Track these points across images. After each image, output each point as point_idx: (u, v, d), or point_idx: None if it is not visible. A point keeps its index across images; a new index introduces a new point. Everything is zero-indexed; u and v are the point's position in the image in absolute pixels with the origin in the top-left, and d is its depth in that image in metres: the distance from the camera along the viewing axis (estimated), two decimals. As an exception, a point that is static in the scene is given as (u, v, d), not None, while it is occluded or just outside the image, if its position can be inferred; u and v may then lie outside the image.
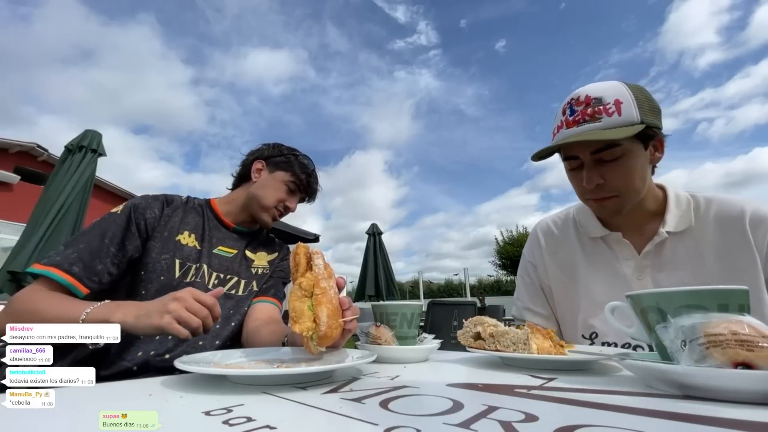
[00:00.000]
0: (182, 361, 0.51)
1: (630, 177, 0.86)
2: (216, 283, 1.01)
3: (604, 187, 0.86)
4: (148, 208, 0.96)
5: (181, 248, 0.97)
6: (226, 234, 1.08)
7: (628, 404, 0.39)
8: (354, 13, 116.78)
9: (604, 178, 0.86)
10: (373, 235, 6.85)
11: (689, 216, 0.90)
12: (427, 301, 3.63)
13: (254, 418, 0.35)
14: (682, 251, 0.89)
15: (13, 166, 11.24)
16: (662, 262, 0.90)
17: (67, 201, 3.10)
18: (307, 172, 1.12)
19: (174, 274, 0.93)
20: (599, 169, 0.86)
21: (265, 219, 1.09)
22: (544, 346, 0.64)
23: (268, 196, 1.07)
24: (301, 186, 1.11)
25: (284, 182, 1.09)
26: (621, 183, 0.86)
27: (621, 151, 0.83)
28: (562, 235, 1.05)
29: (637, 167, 0.86)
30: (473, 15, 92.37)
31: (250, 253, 1.11)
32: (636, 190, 0.88)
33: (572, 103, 0.86)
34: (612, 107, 0.82)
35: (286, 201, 1.09)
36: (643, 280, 0.90)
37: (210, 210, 1.10)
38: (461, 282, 22.91)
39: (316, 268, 0.62)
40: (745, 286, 0.46)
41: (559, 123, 0.89)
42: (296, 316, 0.58)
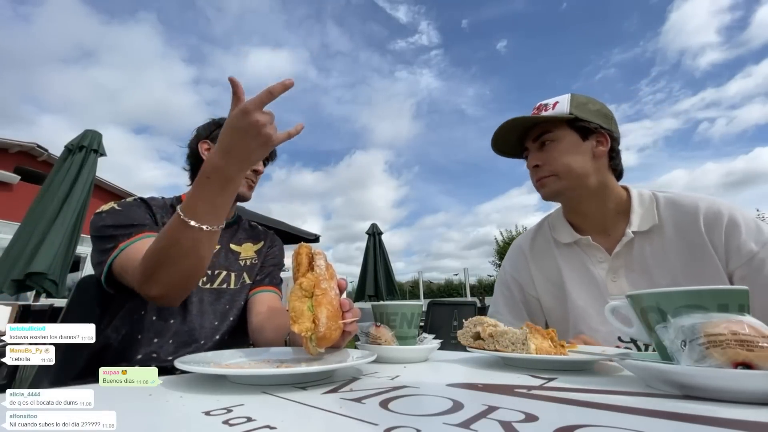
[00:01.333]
0: (182, 361, 0.51)
1: (564, 158, 0.95)
2: (204, 280, 0.99)
3: (543, 168, 0.97)
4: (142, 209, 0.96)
5: None
6: None
7: (628, 404, 0.39)
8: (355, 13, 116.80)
9: (542, 159, 0.97)
10: (373, 235, 6.84)
11: (653, 214, 0.92)
12: (427, 301, 3.63)
13: (254, 418, 0.35)
14: (650, 250, 0.91)
15: (13, 166, 11.24)
16: (633, 262, 0.92)
17: (66, 201, 3.10)
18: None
19: None
20: (537, 153, 0.98)
21: (240, 191, 1.03)
22: (544, 346, 0.64)
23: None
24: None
25: None
26: (556, 163, 0.95)
27: (553, 137, 0.96)
28: (543, 246, 1.09)
29: (571, 151, 0.95)
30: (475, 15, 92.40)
31: (234, 245, 1.09)
32: (574, 172, 0.94)
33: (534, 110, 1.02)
34: (550, 107, 0.97)
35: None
36: (617, 282, 0.92)
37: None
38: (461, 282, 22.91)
39: (318, 268, 0.62)
40: (745, 287, 0.46)
41: None
42: (296, 316, 0.58)
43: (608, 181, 0.97)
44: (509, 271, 1.13)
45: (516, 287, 1.10)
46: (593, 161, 0.95)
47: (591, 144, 0.95)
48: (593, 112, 0.96)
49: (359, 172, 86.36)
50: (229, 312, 1.01)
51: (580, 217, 1.01)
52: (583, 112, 0.95)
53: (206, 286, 1.00)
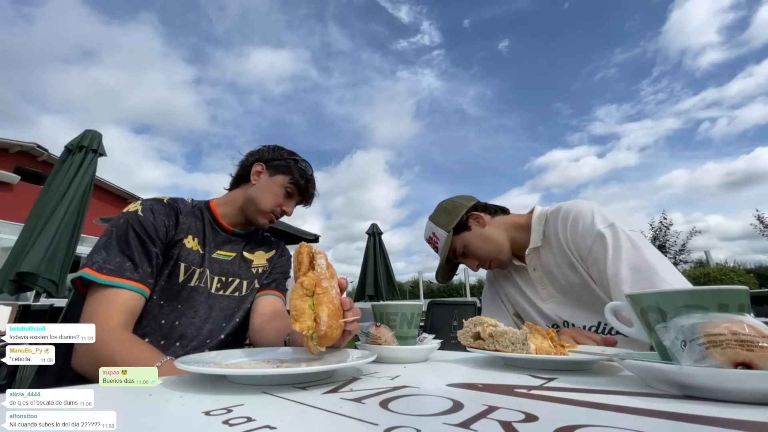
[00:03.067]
0: (182, 361, 0.51)
1: (480, 251, 1.16)
2: (218, 286, 1.01)
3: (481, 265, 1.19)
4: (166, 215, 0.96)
5: (186, 252, 0.97)
6: (224, 237, 1.08)
7: (628, 404, 0.39)
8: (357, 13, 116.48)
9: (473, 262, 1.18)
10: (373, 235, 6.84)
11: (539, 232, 1.08)
12: (427, 301, 3.62)
13: (254, 418, 0.35)
14: (549, 261, 1.07)
15: (14, 166, 11.25)
16: (545, 273, 1.09)
17: (66, 200, 3.09)
18: (306, 177, 1.12)
19: (178, 278, 0.94)
20: (467, 260, 1.20)
21: (261, 222, 1.08)
22: (543, 346, 0.64)
23: (266, 200, 1.07)
24: (300, 190, 1.11)
25: (283, 186, 1.08)
26: (481, 256, 1.16)
27: (461, 249, 1.18)
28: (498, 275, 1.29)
29: (477, 244, 1.16)
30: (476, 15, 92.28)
31: (247, 254, 1.12)
32: (493, 251, 1.15)
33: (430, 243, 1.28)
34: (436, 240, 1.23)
35: (283, 205, 1.09)
36: (547, 289, 1.10)
37: (209, 213, 1.09)
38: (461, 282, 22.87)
39: (319, 267, 0.62)
40: (745, 287, 0.46)
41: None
42: (297, 314, 0.58)
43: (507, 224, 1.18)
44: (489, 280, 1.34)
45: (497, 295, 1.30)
46: (490, 231, 1.16)
47: (475, 226, 1.17)
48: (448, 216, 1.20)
49: (360, 172, 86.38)
50: (235, 314, 1.03)
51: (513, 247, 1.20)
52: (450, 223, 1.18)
53: (219, 292, 1.01)
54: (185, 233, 0.99)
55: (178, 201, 1.05)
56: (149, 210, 0.93)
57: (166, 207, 0.98)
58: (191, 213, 1.05)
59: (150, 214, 0.92)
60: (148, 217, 0.92)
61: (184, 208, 1.04)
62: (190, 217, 1.02)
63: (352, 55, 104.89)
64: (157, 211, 0.94)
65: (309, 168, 1.15)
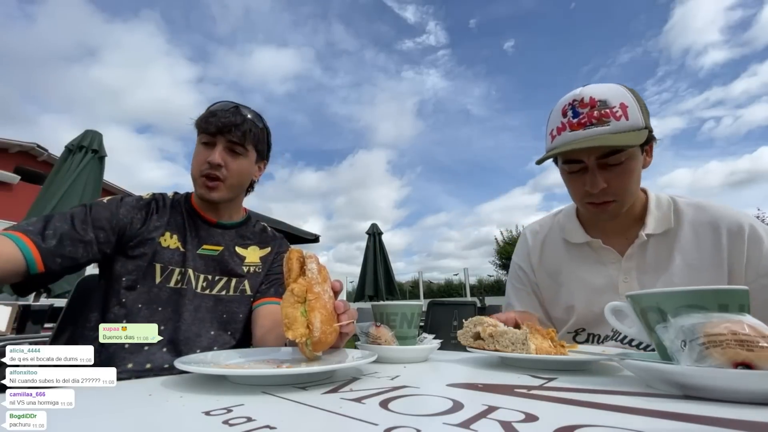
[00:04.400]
0: (182, 361, 0.51)
1: (630, 182, 0.86)
2: (204, 285, 0.93)
3: (607, 192, 0.85)
4: (137, 210, 0.91)
5: (161, 251, 0.90)
6: (210, 230, 0.99)
7: (628, 404, 0.39)
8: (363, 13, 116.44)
9: (607, 182, 0.84)
10: (374, 235, 6.85)
11: (669, 218, 0.92)
12: (427, 301, 3.63)
13: (254, 418, 0.35)
14: (663, 253, 0.91)
15: (14, 166, 11.25)
16: (646, 264, 0.91)
17: (63, 200, 3.09)
18: (208, 113, 0.94)
19: (154, 280, 0.87)
20: (603, 174, 0.84)
21: (199, 192, 0.94)
22: (543, 346, 0.64)
23: (192, 167, 0.95)
24: (209, 130, 0.92)
25: (199, 143, 0.95)
26: (622, 187, 0.86)
27: (625, 156, 0.83)
28: (551, 240, 1.07)
29: (636, 172, 0.86)
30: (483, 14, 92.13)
31: (240, 248, 1.02)
32: (632, 194, 0.89)
33: (574, 104, 0.84)
34: (618, 110, 0.81)
35: (207, 157, 0.91)
36: (629, 282, 0.91)
37: (188, 205, 1.00)
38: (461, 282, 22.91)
39: (309, 272, 0.61)
40: (745, 287, 0.46)
41: (560, 124, 0.86)
42: (289, 322, 0.57)
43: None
44: (516, 261, 1.13)
45: (524, 276, 1.10)
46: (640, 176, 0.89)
47: (644, 155, 0.88)
48: (648, 115, 0.85)
49: (362, 171, 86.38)
50: (228, 324, 0.94)
51: (600, 222, 0.97)
52: (648, 120, 0.83)
53: (205, 291, 0.93)
54: (161, 231, 0.91)
55: (158, 197, 0.98)
56: (115, 200, 0.89)
57: (140, 203, 0.92)
58: (171, 208, 0.97)
59: (113, 203, 0.89)
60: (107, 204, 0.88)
61: (163, 205, 0.96)
62: (168, 214, 0.95)
63: (356, 55, 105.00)
64: (125, 204, 0.90)
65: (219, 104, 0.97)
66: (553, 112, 0.91)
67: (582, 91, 0.85)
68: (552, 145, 0.89)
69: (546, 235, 1.08)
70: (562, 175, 0.95)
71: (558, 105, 0.89)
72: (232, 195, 0.98)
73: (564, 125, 0.85)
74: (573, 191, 0.93)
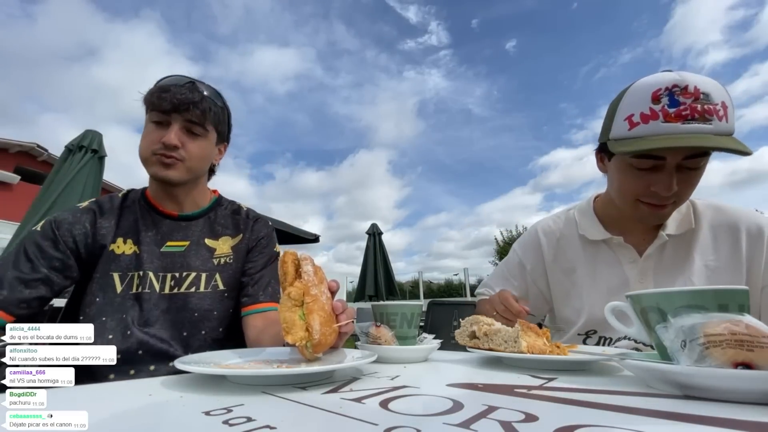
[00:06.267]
0: (182, 361, 0.51)
1: (695, 187, 0.80)
2: (172, 284, 0.87)
3: (673, 195, 0.78)
4: (77, 223, 0.85)
5: (115, 259, 0.85)
6: (172, 225, 0.92)
7: (628, 404, 0.39)
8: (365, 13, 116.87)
9: (678, 185, 0.77)
10: (374, 235, 6.85)
11: (689, 219, 0.91)
12: (427, 301, 3.63)
13: (254, 418, 0.35)
14: (682, 254, 0.90)
15: (13, 166, 11.25)
16: (663, 264, 0.91)
17: (63, 200, 3.09)
18: (160, 88, 0.85)
19: (115, 290, 0.83)
20: (679, 176, 0.77)
21: (152, 171, 0.85)
22: (537, 344, 0.64)
23: (142, 147, 0.86)
24: (161, 107, 0.83)
25: (149, 121, 0.86)
26: (687, 192, 0.80)
27: (706, 161, 0.76)
28: (565, 236, 1.05)
29: (699, 178, 0.80)
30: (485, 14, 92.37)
31: (210, 240, 0.94)
32: (688, 196, 0.84)
33: (674, 91, 0.72)
34: (721, 110, 0.71)
35: (162, 138, 0.83)
36: (644, 283, 0.90)
37: (145, 202, 0.93)
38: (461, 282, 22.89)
39: (305, 275, 0.61)
40: (745, 287, 0.47)
41: (648, 111, 0.74)
42: (288, 327, 0.56)
43: None
44: (520, 255, 1.10)
45: (519, 271, 1.08)
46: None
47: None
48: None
49: (362, 171, 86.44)
50: (201, 323, 0.87)
51: (621, 219, 0.95)
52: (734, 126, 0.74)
53: (173, 291, 0.87)
54: (110, 238, 0.86)
55: (102, 201, 0.91)
56: (48, 226, 0.84)
57: (78, 215, 0.86)
58: (121, 209, 0.90)
59: (47, 227, 0.83)
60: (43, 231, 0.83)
61: (109, 208, 0.89)
62: (116, 216, 0.89)
63: (358, 55, 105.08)
64: (62, 223, 0.84)
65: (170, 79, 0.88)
66: (632, 93, 0.78)
67: (684, 76, 0.73)
68: (635, 133, 0.76)
69: (561, 232, 1.05)
70: (619, 167, 0.85)
71: (644, 86, 0.76)
72: (190, 177, 0.89)
73: (655, 113, 0.73)
74: (631, 187, 0.84)
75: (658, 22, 71.03)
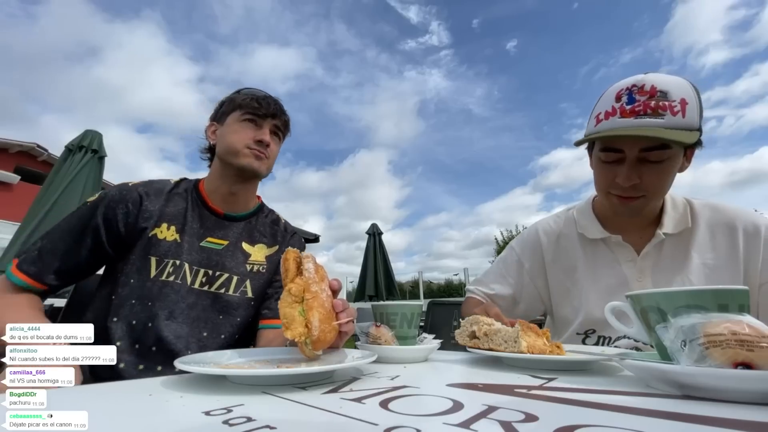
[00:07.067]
0: (182, 361, 0.51)
1: (664, 182, 0.84)
2: (204, 280, 0.88)
3: (637, 187, 0.83)
4: (122, 202, 0.87)
5: (156, 244, 0.86)
6: (216, 222, 0.94)
7: (628, 404, 0.39)
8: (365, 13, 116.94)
9: (641, 177, 0.81)
10: (374, 235, 6.85)
11: (686, 218, 0.92)
12: (427, 301, 3.63)
13: (254, 418, 0.35)
14: (679, 253, 0.90)
15: (13, 166, 11.25)
16: (661, 263, 0.91)
17: (63, 200, 3.09)
18: (254, 97, 0.95)
19: (149, 274, 0.84)
20: (639, 168, 0.81)
21: (246, 162, 0.92)
22: (537, 344, 0.64)
23: (234, 140, 0.92)
24: (258, 111, 0.94)
25: (239, 120, 0.94)
26: (655, 185, 0.83)
27: (668, 154, 0.79)
28: (565, 236, 1.05)
29: (672, 173, 0.84)
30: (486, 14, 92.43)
31: (246, 244, 0.97)
32: (662, 194, 0.88)
33: (633, 90, 0.79)
34: (677, 106, 0.76)
35: (255, 136, 0.93)
36: (642, 282, 0.91)
37: (196, 193, 0.96)
38: (461, 282, 22.90)
39: (306, 272, 0.61)
40: (745, 287, 0.47)
41: (610, 109, 0.81)
42: (288, 322, 0.57)
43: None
44: (518, 253, 1.10)
45: (516, 270, 1.08)
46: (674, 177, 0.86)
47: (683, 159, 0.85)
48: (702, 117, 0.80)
49: (363, 171, 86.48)
50: (223, 327, 0.88)
51: (617, 218, 0.96)
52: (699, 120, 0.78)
53: (203, 288, 0.88)
54: (154, 222, 0.87)
55: (150, 185, 0.92)
56: (95, 202, 0.86)
57: (125, 193, 0.88)
58: (174, 196, 0.93)
59: (94, 205, 0.86)
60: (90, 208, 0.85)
61: (156, 193, 0.91)
62: (163, 202, 0.91)
63: (358, 55, 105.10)
64: (106, 202, 0.86)
65: (257, 91, 0.99)
66: (604, 95, 0.86)
67: (645, 77, 0.80)
68: (597, 129, 0.83)
69: (561, 231, 1.06)
70: (594, 162, 0.92)
71: (613, 88, 0.84)
72: (267, 174, 0.98)
73: (615, 110, 0.81)
74: (600, 180, 0.90)
75: (659, 22, 71.18)
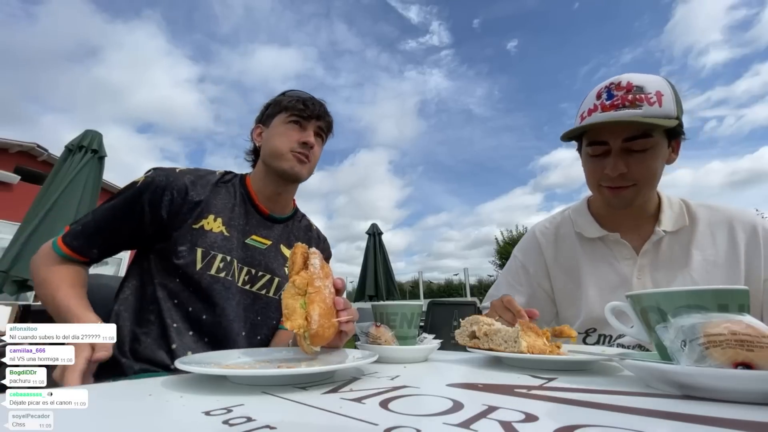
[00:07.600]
0: (182, 361, 0.51)
1: (651, 170, 0.86)
2: (246, 279, 0.87)
3: (625, 177, 0.86)
4: (168, 189, 0.84)
5: (204, 235, 0.84)
6: (260, 221, 0.94)
7: (628, 404, 0.39)
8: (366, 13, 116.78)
9: (628, 167, 0.85)
10: (374, 235, 6.85)
11: (683, 217, 0.93)
12: (427, 301, 3.63)
13: (254, 418, 0.35)
14: (678, 250, 0.91)
15: (13, 166, 11.25)
16: (659, 261, 0.92)
17: (63, 200, 3.09)
18: (300, 99, 0.96)
19: (195, 266, 0.81)
20: (625, 158, 0.85)
21: (289, 166, 0.91)
22: (537, 344, 0.64)
23: (278, 143, 0.92)
24: (303, 113, 0.94)
25: (285, 122, 0.94)
26: (642, 174, 0.86)
27: (651, 143, 0.83)
28: (563, 237, 1.06)
29: (658, 162, 0.87)
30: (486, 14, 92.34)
31: (285, 247, 0.97)
32: (651, 184, 0.89)
33: (611, 87, 0.85)
34: (653, 97, 0.81)
35: (298, 138, 0.93)
36: (642, 279, 0.91)
37: (244, 189, 0.95)
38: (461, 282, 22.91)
39: (312, 267, 0.62)
40: (745, 287, 0.47)
41: (592, 106, 0.87)
42: (288, 313, 0.57)
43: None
44: (520, 259, 1.11)
45: (524, 276, 1.09)
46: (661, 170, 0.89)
47: (669, 150, 0.88)
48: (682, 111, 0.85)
49: (363, 171, 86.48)
50: (258, 329, 0.89)
51: (615, 216, 0.97)
52: (681, 114, 0.84)
53: (246, 286, 0.88)
54: (196, 213, 0.85)
55: (198, 174, 0.90)
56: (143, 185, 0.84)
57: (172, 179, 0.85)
58: (221, 187, 0.92)
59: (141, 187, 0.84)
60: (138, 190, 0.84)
61: (204, 183, 0.89)
62: (209, 192, 0.89)
63: (359, 55, 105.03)
64: (154, 186, 0.84)
65: (302, 93, 1.00)
66: (588, 96, 0.91)
67: (621, 76, 0.86)
68: (580, 125, 0.88)
69: (558, 231, 1.07)
70: (583, 159, 0.95)
71: (594, 89, 0.89)
72: (307, 177, 0.98)
73: (596, 107, 0.86)
74: (590, 174, 0.93)
75: (659, 22, 71.23)
